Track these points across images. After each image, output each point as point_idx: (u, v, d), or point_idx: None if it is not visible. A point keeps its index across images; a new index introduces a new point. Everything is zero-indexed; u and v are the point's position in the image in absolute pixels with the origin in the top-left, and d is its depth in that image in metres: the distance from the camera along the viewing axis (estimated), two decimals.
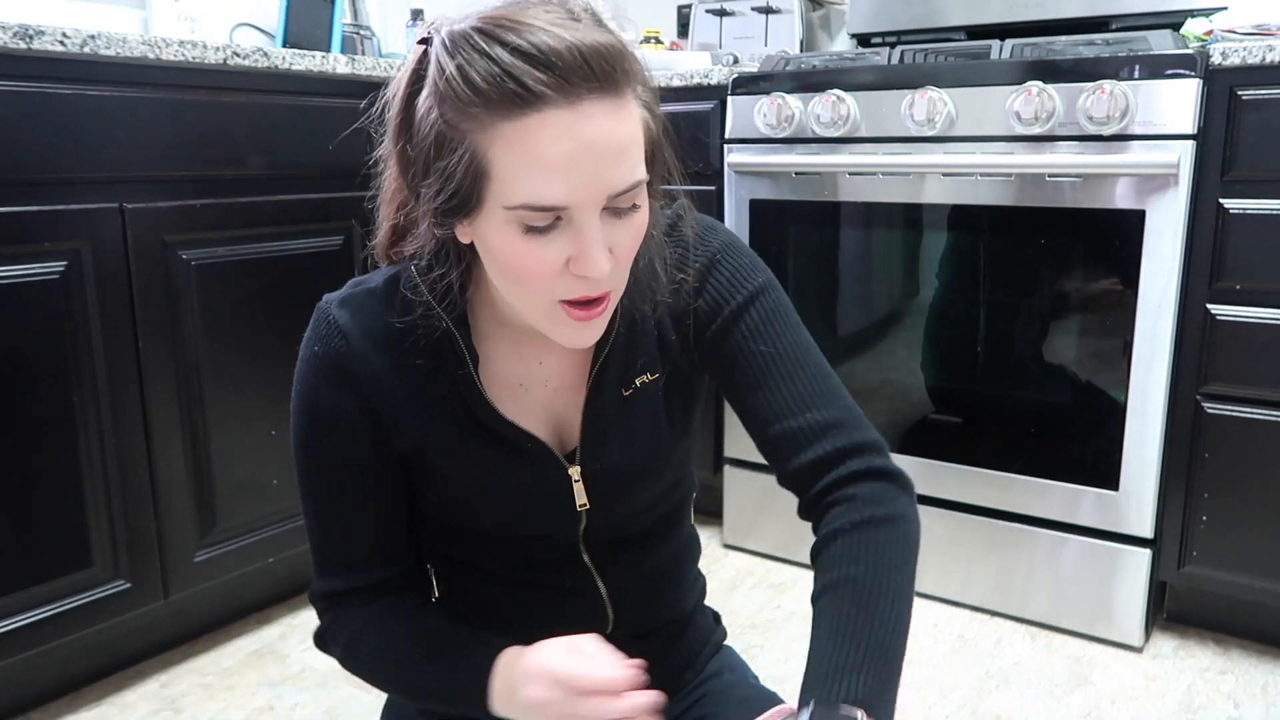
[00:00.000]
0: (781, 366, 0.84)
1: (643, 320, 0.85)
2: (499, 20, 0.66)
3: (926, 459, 1.93)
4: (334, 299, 0.84)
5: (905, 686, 1.68)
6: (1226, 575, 1.71)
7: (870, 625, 0.74)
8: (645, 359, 0.86)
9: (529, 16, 0.66)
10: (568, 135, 0.65)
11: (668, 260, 0.85)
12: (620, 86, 0.68)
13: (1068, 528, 1.82)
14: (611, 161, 0.68)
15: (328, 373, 0.82)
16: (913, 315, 1.92)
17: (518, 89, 0.64)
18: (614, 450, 0.86)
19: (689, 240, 0.86)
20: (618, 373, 0.85)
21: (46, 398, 1.49)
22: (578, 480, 0.85)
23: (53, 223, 1.48)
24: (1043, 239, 1.74)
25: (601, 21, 0.70)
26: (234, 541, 1.78)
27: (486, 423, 0.83)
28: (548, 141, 0.65)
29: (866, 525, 0.78)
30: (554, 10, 0.68)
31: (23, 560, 1.50)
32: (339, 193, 1.88)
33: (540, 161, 0.66)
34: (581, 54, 0.64)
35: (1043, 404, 1.80)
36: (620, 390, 0.86)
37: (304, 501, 0.87)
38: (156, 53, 1.57)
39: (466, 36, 0.66)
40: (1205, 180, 1.62)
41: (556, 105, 0.65)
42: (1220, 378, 1.65)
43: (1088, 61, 1.66)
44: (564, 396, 0.86)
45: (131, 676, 1.73)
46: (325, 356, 0.82)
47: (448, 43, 0.67)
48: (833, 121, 1.88)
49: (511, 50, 0.64)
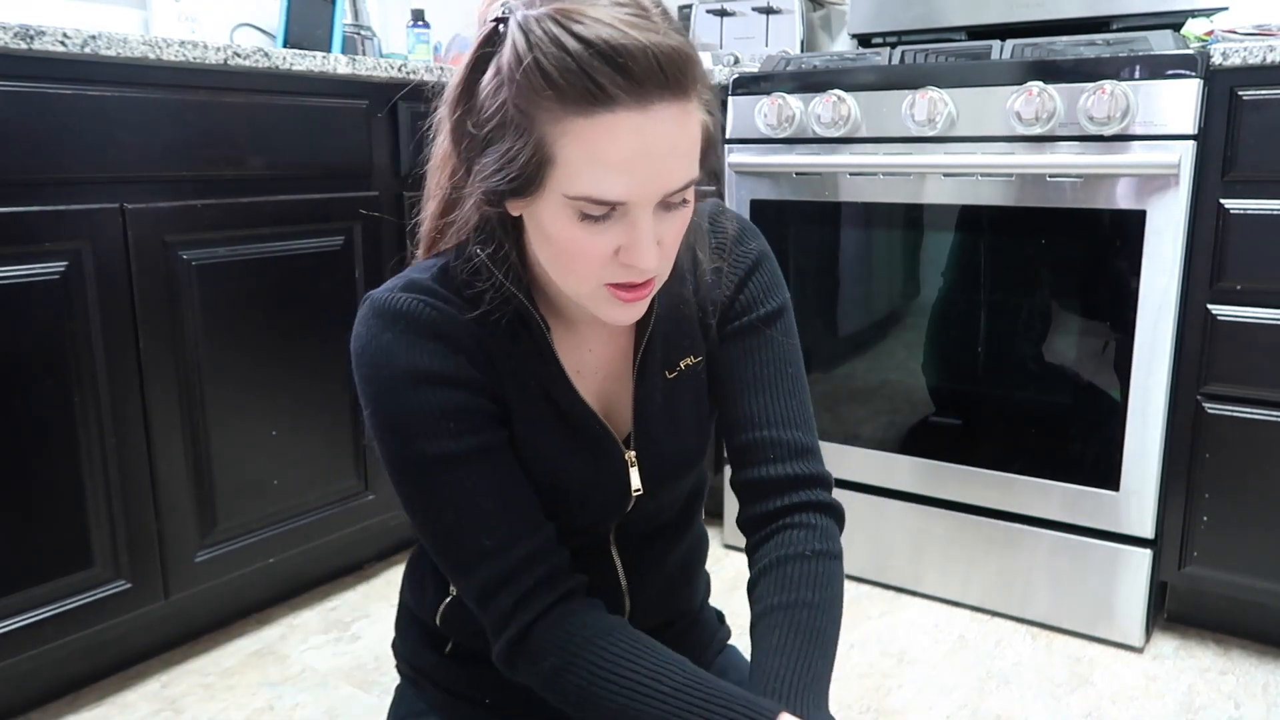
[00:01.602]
0: (783, 381, 0.89)
1: (684, 304, 0.87)
2: (576, 14, 0.66)
3: (927, 459, 1.93)
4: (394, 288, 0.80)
5: (906, 686, 1.68)
6: (1227, 575, 1.71)
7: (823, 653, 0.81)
8: (688, 341, 0.89)
9: (604, 13, 0.66)
10: (635, 137, 0.67)
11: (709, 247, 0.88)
12: (688, 91, 0.69)
13: (1068, 528, 1.81)
14: (672, 164, 0.70)
15: (415, 335, 0.78)
16: (913, 315, 1.92)
17: (593, 88, 0.65)
18: (663, 434, 0.88)
19: (729, 234, 0.89)
20: (661, 355, 0.87)
21: (47, 398, 1.49)
22: (633, 465, 0.87)
23: (53, 223, 1.48)
24: (1043, 239, 1.74)
25: (671, 20, 0.70)
26: (235, 542, 1.78)
27: (560, 401, 0.83)
28: (615, 141, 0.67)
29: (823, 557, 0.86)
30: (628, 6, 0.68)
31: (23, 560, 1.50)
32: (340, 193, 1.88)
33: (606, 159, 0.68)
34: (656, 58, 0.66)
35: (1043, 404, 1.80)
36: (664, 373, 0.88)
37: (425, 498, 0.80)
38: (157, 53, 1.57)
39: (545, 27, 0.66)
40: (1206, 180, 1.62)
41: (628, 107, 0.66)
42: (1221, 378, 1.65)
43: (1088, 62, 1.66)
44: (612, 384, 0.88)
45: (132, 677, 1.73)
46: (412, 324, 0.78)
47: (525, 29, 0.67)
48: (833, 122, 1.88)
49: (589, 48, 0.65)
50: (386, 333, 0.78)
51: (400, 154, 1.99)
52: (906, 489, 1.98)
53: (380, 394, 0.78)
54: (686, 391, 0.89)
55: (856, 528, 2.05)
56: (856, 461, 2.02)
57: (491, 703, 0.96)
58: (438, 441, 0.78)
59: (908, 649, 1.81)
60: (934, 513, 1.95)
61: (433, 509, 0.80)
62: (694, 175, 0.72)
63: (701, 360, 0.89)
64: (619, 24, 0.66)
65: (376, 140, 1.94)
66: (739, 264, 0.89)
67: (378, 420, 0.79)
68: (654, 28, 0.67)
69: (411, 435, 0.78)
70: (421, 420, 0.78)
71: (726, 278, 0.88)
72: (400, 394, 0.78)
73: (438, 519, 0.80)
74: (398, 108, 1.97)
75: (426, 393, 0.78)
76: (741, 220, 0.92)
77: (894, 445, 1.97)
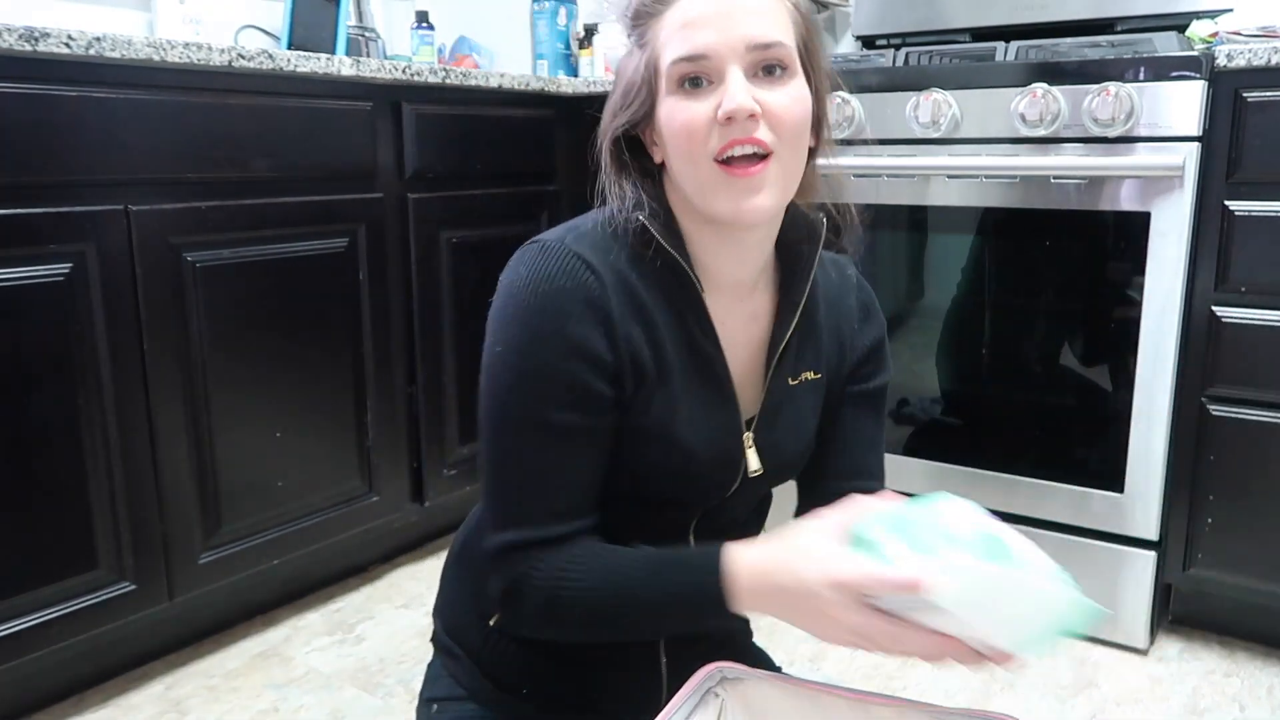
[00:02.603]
0: (875, 440, 1.02)
1: (820, 326, 0.95)
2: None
3: (932, 461, 1.93)
4: (560, 236, 0.84)
5: (911, 689, 1.68)
6: (1232, 577, 1.70)
7: None
8: (813, 357, 0.95)
9: None
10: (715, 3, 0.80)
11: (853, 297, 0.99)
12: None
13: (1073, 530, 1.81)
14: (747, 17, 0.79)
15: (582, 306, 0.81)
16: (917, 318, 1.92)
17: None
18: (782, 429, 0.93)
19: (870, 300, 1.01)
20: (791, 361, 0.93)
21: (51, 400, 1.50)
22: (751, 447, 0.91)
23: (58, 225, 1.48)
24: (1047, 241, 1.74)
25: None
26: (239, 543, 1.78)
27: (705, 352, 0.87)
28: (696, 6, 0.80)
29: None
30: None
31: (28, 562, 1.50)
32: (344, 195, 1.88)
33: (689, 21, 0.80)
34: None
35: (1048, 406, 1.80)
36: (788, 379, 0.93)
37: (508, 443, 0.83)
38: (161, 55, 1.57)
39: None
40: (1210, 182, 1.62)
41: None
42: (1225, 380, 1.65)
43: (1093, 63, 1.66)
44: (739, 369, 0.91)
45: (137, 678, 1.73)
46: (577, 290, 0.81)
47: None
48: (836, 123, 1.88)
49: None
50: (562, 280, 0.81)
51: (404, 156, 1.99)
52: (911, 490, 1.96)
53: (527, 344, 0.81)
54: (805, 399, 0.95)
55: None
56: None
57: (529, 693, 0.96)
58: (545, 405, 0.81)
59: None
60: None
61: (508, 457, 0.83)
62: (778, 38, 0.80)
63: (821, 378, 0.96)
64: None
65: (381, 142, 1.94)
66: (871, 330, 1.00)
67: (509, 364, 0.82)
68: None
69: (540, 395, 0.81)
70: (555, 386, 0.81)
71: (860, 336, 0.99)
72: (548, 354, 0.81)
73: (506, 468, 0.84)
74: (402, 109, 1.97)
75: (572, 364, 0.81)
76: (872, 294, 1.03)
77: (898, 447, 1.97)
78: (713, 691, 0.82)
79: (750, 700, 0.82)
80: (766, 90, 0.80)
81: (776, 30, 0.80)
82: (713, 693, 0.82)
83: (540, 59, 2.78)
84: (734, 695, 0.82)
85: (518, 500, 0.83)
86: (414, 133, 1.98)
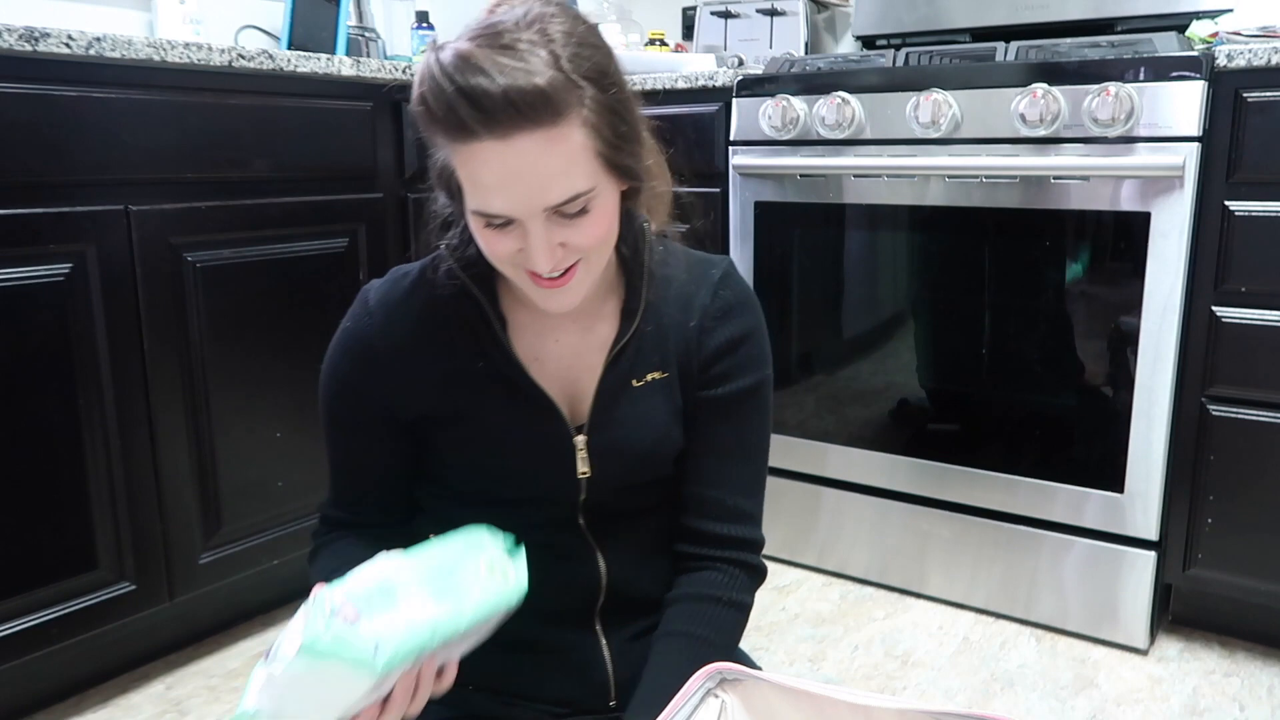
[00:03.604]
0: (741, 449, 0.99)
1: (666, 328, 0.95)
2: (464, 55, 0.75)
3: (931, 461, 1.93)
4: (374, 282, 0.96)
5: (911, 689, 1.68)
6: (1232, 578, 1.70)
7: None
8: (658, 358, 0.95)
9: (481, 53, 0.75)
10: (499, 164, 0.76)
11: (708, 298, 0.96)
12: (557, 118, 0.76)
13: (1073, 530, 1.81)
14: (543, 184, 0.77)
15: (350, 346, 0.94)
16: (917, 317, 1.92)
17: (457, 123, 0.75)
18: (620, 430, 0.94)
19: (728, 299, 0.97)
20: (630, 363, 0.94)
21: (52, 400, 1.50)
22: (582, 450, 0.93)
23: (58, 225, 1.48)
24: (1048, 241, 1.74)
25: (552, 44, 0.77)
26: (239, 544, 1.78)
27: (507, 374, 0.91)
28: (484, 166, 0.77)
29: (735, 607, 0.97)
30: (519, 42, 0.76)
31: (28, 562, 1.50)
32: (344, 195, 1.88)
33: (480, 182, 0.78)
34: (512, 99, 0.74)
35: (1048, 406, 1.80)
36: (632, 380, 0.94)
37: (325, 441, 0.99)
38: (162, 55, 1.57)
39: (437, 65, 0.76)
40: (1211, 182, 1.62)
41: (489, 139, 0.75)
42: (1225, 380, 1.65)
43: (1093, 64, 1.66)
44: (577, 374, 0.95)
45: (137, 678, 1.73)
46: (351, 331, 0.94)
47: (421, 72, 0.78)
48: (837, 124, 1.88)
49: (457, 89, 0.74)
50: (347, 322, 0.95)
51: (404, 156, 1.99)
52: (911, 491, 1.98)
53: (325, 372, 0.97)
54: (653, 398, 0.95)
55: (861, 530, 2.05)
56: (861, 463, 2.01)
57: (474, 687, 0.99)
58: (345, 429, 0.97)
59: (912, 651, 1.80)
60: (938, 515, 1.95)
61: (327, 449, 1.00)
62: (578, 190, 0.79)
63: (669, 376, 0.96)
64: (491, 69, 0.74)
65: (381, 142, 1.94)
66: (727, 329, 0.96)
67: (323, 382, 0.97)
68: (522, 66, 0.74)
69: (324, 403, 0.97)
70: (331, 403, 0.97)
71: (712, 335, 0.96)
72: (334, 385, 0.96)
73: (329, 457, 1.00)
74: (402, 109, 1.97)
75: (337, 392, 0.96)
76: (746, 289, 1.00)
77: (899, 447, 1.97)
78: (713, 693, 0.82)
79: (752, 702, 0.83)
80: (570, 229, 0.81)
81: (572, 180, 0.78)
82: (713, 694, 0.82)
83: None
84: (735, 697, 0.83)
85: (330, 479, 1.00)
86: (414, 133, 1.98)
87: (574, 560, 0.96)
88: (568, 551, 0.96)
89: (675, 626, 0.95)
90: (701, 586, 0.96)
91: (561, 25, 0.79)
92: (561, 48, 0.77)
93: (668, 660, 0.92)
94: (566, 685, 0.98)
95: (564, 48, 0.77)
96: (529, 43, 0.76)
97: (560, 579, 0.95)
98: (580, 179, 0.79)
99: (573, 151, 0.78)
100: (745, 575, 0.98)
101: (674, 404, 0.96)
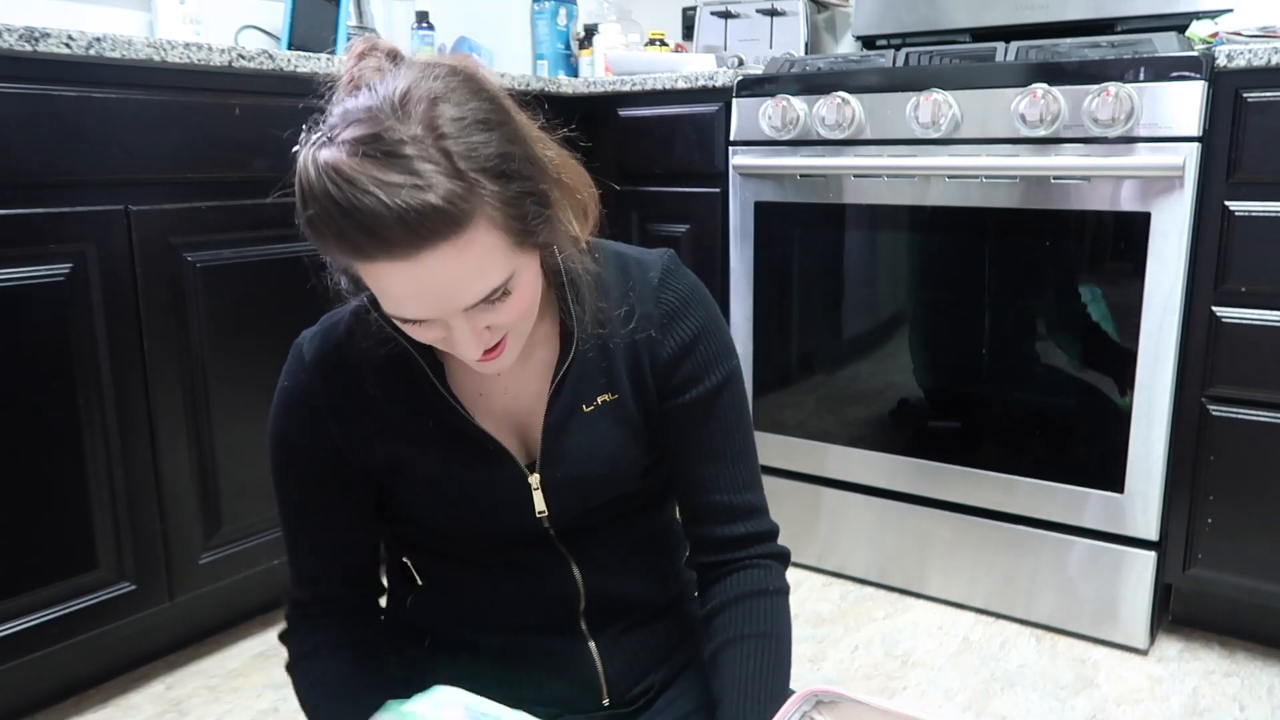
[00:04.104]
0: (730, 447, 0.95)
1: (608, 349, 0.90)
2: (346, 174, 0.67)
3: (931, 461, 1.93)
4: (306, 334, 0.93)
5: (911, 689, 1.68)
6: (1232, 578, 1.70)
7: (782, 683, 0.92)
8: (606, 379, 0.91)
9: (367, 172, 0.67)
10: (407, 280, 0.71)
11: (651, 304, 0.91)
12: (460, 229, 0.69)
13: (1073, 530, 1.81)
14: (456, 291, 0.72)
15: (292, 405, 0.91)
16: (917, 317, 1.92)
17: (353, 247, 0.69)
18: (574, 461, 0.91)
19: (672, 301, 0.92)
20: (576, 390, 0.90)
21: (52, 400, 1.50)
22: (537, 489, 0.91)
23: (58, 225, 1.48)
24: (1048, 241, 1.74)
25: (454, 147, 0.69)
26: (239, 544, 1.78)
27: (451, 423, 0.88)
28: (392, 282, 0.71)
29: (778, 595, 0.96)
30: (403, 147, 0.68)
31: (28, 562, 1.50)
32: None
33: (390, 294, 0.73)
34: (408, 221, 0.67)
35: (1048, 406, 1.80)
36: (581, 405, 0.91)
37: (280, 516, 0.97)
38: (162, 55, 1.57)
39: (312, 184, 0.69)
40: (1211, 183, 1.62)
41: (392, 260, 0.69)
42: (1225, 380, 1.65)
43: (1093, 64, 1.66)
44: (524, 404, 0.92)
45: (137, 678, 1.73)
46: (291, 390, 0.91)
47: (304, 174, 0.70)
48: (837, 124, 1.88)
49: (345, 213, 0.67)
50: (285, 381, 0.92)
51: None
52: (911, 491, 1.98)
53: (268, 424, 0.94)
54: (604, 422, 0.91)
55: (861, 530, 2.05)
56: (861, 463, 2.01)
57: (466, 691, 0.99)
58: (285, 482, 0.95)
59: (912, 651, 1.80)
60: (938, 515, 1.95)
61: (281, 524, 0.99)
62: (494, 285, 0.74)
63: (620, 397, 0.92)
64: (373, 185, 0.66)
65: None
66: (676, 335, 0.92)
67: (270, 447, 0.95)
68: (413, 181, 0.67)
69: (273, 467, 0.95)
70: (278, 464, 0.94)
71: (661, 345, 0.91)
72: (271, 441, 0.94)
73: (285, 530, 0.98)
74: None
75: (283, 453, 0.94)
76: (689, 286, 0.94)
77: (899, 447, 1.97)
78: (809, 716, 0.84)
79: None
80: (492, 313, 0.76)
81: (487, 279, 0.73)
82: (809, 717, 0.84)
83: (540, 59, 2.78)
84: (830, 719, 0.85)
85: (289, 558, 0.98)
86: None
87: (547, 574, 0.95)
88: (540, 568, 0.95)
89: (737, 631, 0.93)
90: (743, 586, 0.95)
91: (451, 109, 0.70)
92: (454, 142, 0.69)
93: (745, 666, 0.91)
94: (556, 687, 0.98)
95: (456, 141, 0.69)
96: (416, 145, 0.68)
97: (536, 592, 0.95)
98: (495, 274, 0.73)
99: (483, 253, 0.71)
100: (776, 564, 0.98)
101: (629, 423, 0.92)
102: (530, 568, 0.95)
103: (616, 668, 0.98)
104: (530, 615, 0.96)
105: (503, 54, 2.87)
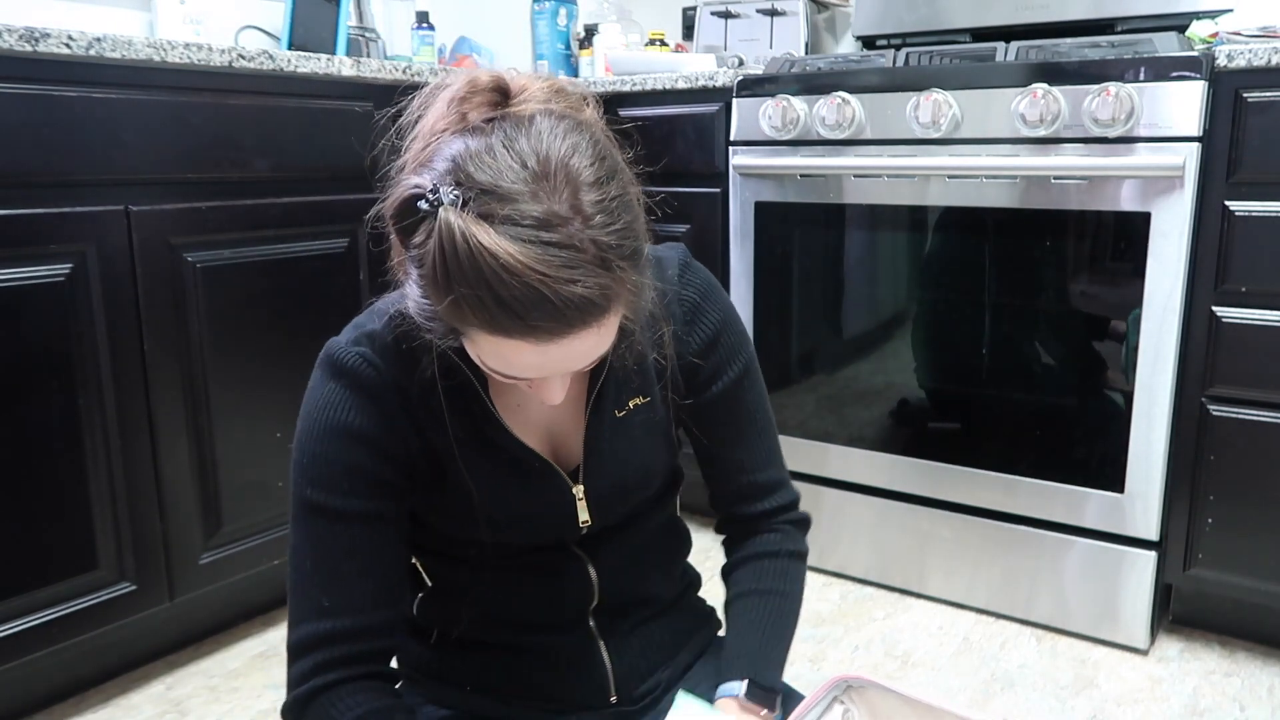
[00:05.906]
0: (753, 429, 1.00)
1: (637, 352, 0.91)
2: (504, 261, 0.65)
3: (931, 461, 1.93)
4: (344, 341, 0.86)
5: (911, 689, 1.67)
6: (1232, 578, 1.70)
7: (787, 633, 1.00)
8: (637, 383, 0.92)
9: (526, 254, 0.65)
10: (538, 355, 0.70)
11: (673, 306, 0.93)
12: (603, 316, 0.70)
13: (1073, 530, 1.81)
14: (580, 362, 0.74)
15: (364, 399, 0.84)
16: (918, 318, 1.92)
17: (496, 328, 0.68)
18: (613, 468, 0.92)
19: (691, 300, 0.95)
20: (613, 396, 0.91)
21: (52, 400, 1.50)
22: (581, 499, 0.91)
23: (58, 225, 1.48)
24: (1048, 241, 1.74)
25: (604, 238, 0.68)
26: (239, 544, 1.78)
27: (497, 440, 0.87)
28: (521, 356, 0.71)
29: (794, 557, 1.02)
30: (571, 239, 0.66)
31: (28, 562, 1.50)
32: (344, 195, 1.88)
33: (510, 362, 0.72)
34: (561, 313, 0.67)
35: (1048, 406, 1.80)
36: (614, 411, 0.92)
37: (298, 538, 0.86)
38: (162, 55, 1.57)
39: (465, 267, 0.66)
40: (1211, 182, 1.62)
41: (534, 342, 0.69)
42: (1225, 380, 1.65)
43: (1093, 64, 1.66)
44: (560, 413, 0.91)
45: (137, 679, 1.73)
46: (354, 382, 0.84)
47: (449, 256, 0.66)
48: (838, 124, 1.88)
49: (501, 305, 0.66)
50: (330, 383, 0.84)
51: None
52: (911, 491, 1.98)
53: (303, 434, 0.85)
54: (635, 427, 0.93)
55: (861, 530, 2.05)
56: (861, 463, 2.01)
57: (472, 689, 1.00)
58: (327, 493, 0.84)
59: (912, 651, 1.80)
60: (938, 515, 1.95)
61: (298, 550, 0.85)
62: (605, 350, 0.75)
63: (650, 400, 0.93)
64: (538, 281, 0.65)
65: None
66: (700, 330, 0.94)
67: (293, 457, 0.86)
68: (578, 278, 0.66)
69: (309, 479, 0.84)
70: (321, 468, 0.84)
71: (687, 342, 0.94)
72: (316, 439, 0.84)
73: (298, 562, 0.85)
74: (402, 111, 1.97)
75: (338, 446, 0.83)
76: (706, 279, 0.96)
77: (899, 447, 1.97)
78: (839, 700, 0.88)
79: (876, 709, 0.87)
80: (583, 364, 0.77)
81: (606, 344, 0.75)
82: (839, 701, 0.88)
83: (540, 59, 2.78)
84: (860, 704, 0.88)
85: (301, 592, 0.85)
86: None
87: (564, 575, 0.96)
88: (557, 569, 0.95)
89: (748, 586, 0.99)
90: (761, 546, 1.01)
91: (588, 181, 0.69)
92: (600, 231, 0.68)
93: (750, 617, 0.98)
94: (564, 684, 0.98)
95: (602, 230, 0.68)
96: (565, 230, 0.67)
97: (551, 591, 0.95)
98: (609, 341, 0.75)
99: (610, 334, 0.74)
100: (796, 529, 1.03)
101: (660, 425, 0.95)
102: (547, 569, 0.95)
103: (625, 665, 0.98)
104: (541, 615, 0.96)
105: (503, 54, 2.87)
